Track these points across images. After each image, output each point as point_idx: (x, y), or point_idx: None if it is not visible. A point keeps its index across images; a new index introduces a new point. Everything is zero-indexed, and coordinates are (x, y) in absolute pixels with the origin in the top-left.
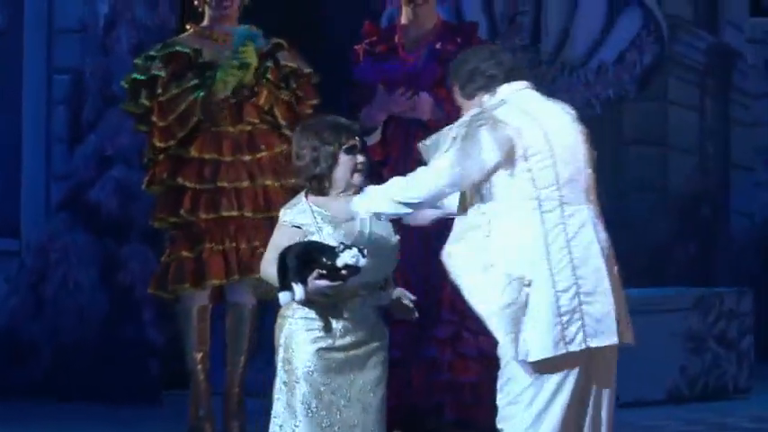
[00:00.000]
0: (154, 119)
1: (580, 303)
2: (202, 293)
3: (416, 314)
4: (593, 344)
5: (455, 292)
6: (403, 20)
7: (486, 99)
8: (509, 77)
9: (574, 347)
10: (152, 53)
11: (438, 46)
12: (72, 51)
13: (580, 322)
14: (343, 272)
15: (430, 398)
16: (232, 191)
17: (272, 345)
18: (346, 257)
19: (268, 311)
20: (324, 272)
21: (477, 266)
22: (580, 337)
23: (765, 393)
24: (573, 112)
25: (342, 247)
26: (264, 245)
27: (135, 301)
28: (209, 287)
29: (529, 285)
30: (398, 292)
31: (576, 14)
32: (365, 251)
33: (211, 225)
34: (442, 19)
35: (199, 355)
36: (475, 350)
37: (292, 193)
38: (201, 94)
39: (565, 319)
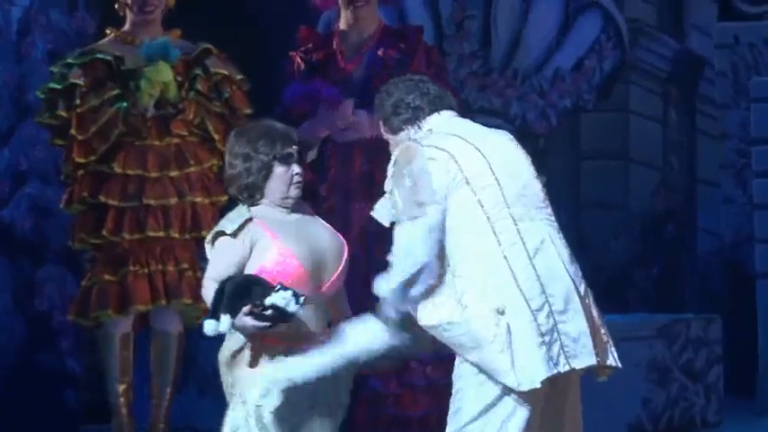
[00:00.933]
0: (72, 132)
1: (555, 323)
2: (126, 320)
3: None
4: (575, 365)
5: None
6: (342, 24)
7: (413, 132)
8: (435, 107)
9: (560, 368)
10: (70, 60)
11: (380, 52)
12: None
13: (558, 342)
14: (269, 312)
15: None
16: (159, 209)
17: (202, 375)
18: (276, 298)
19: (195, 338)
20: (253, 309)
21: (455, 314)
22: (563, 358)
23: (735, 428)
24: (507, 131)
25: (279, 287)
26: (193, 267)
27: (52, 328)
28: (133, 313)
29: (503, 313)
30: None
31: (529, 18)
32: (303, 297)
33: (136, 246)
34: (384, 23)
35: (121, 387)
36: (423, 380)
37: (223, 211)
38: (125, 104)
39: (546, 339)
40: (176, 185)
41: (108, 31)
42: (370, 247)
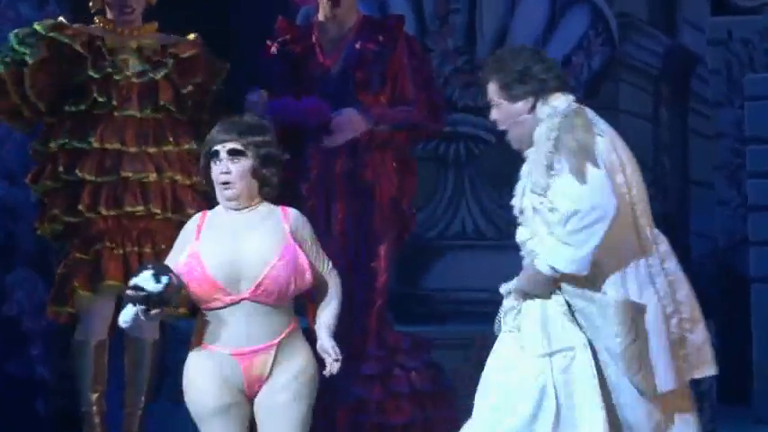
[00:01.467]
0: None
1: (682, 331)
2: (101, 325)
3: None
4: (697, 374)
5: (383, 325)
6: (320, 17)
7: (540, 105)
8: (561, 85)
9: (684, 377)
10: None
11: (358, 46)
12: None
13: (684, 351)
14: (131, 292)
15: None
16: (137, 184)
17: (177, 385)
18: (138, 278)
19: (173, 346)
20: (127, 292)
21: (595, 296)
22: (687, 366)
23: None
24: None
25: (143, 267)
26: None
27: (21, 334)
28: (105, 291)
29: (642, 312)
30: (322, 344)
31: (516, 13)
32: (166, 277)
33: (113, 227)
34: (363, 15)
35: (94, 396)
36: (407, 387)
37: (205, 196)
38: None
39: (676, 346)
40: (155, 161)
41: (97, 20)
42: (350, 246)
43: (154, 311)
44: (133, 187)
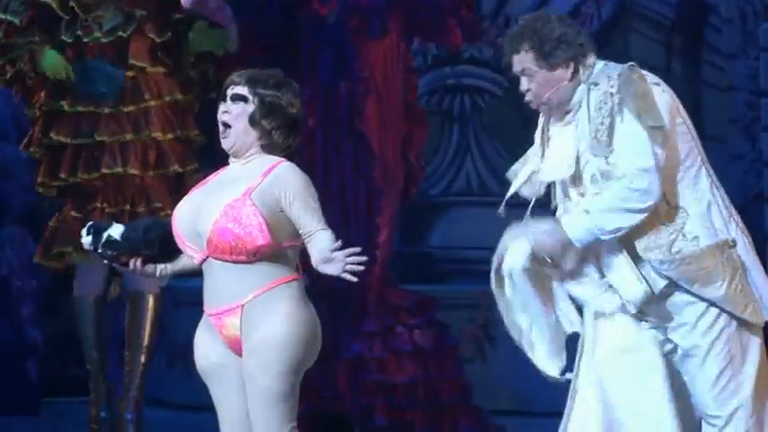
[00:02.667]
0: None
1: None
2: (96, 280)
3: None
4: None
5: (385, 282)
6: None
7: (582, 70)
8: (592, 48)
9: None
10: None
11: None
12: None
13: None
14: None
15: (357, 400)
16: (115, 145)
17: (173, 344)
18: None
19: (167, 305)
20: None
21: (686, 247)
22: None
23: None
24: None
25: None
26: (167, 206)
27: (11, 295)
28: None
29: (734, 246)
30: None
31: None
32: (91, 229)
33: (108, 187)
34: None
35: (96, 353)
36: (410, 345)
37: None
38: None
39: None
40: (132, 120)
41: None
42: (349, 199)
43: (122, 264)
44: (112, 148)
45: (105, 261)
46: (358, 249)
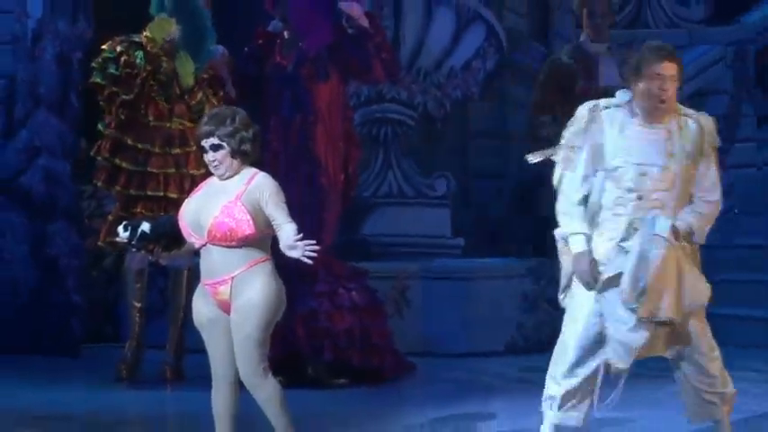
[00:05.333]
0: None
1: None
2: (142, 257)
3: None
4: None
5: (330, 258)
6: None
7: (630, 90)
8: None
9: None
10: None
11: (303, 46)
12: (5, 60)
13: None
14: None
15: (311, 342)
16: (160, 175)
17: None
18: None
19: None
20: None
21: None
22: None
23: None
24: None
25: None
26: None
27: (59, 270)
28: None
29: None
30: (288, 244)
31: (430, 28)
32: (140, 229)
33: (146, 197)
34: None
35: (138, 305)
36: (348, 302)
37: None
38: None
39: None
40: (176, 160)
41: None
42: (304, 199)
43: (149, 251)
44: (157, 177)
45: (134, 250)
46: (313, 242)
